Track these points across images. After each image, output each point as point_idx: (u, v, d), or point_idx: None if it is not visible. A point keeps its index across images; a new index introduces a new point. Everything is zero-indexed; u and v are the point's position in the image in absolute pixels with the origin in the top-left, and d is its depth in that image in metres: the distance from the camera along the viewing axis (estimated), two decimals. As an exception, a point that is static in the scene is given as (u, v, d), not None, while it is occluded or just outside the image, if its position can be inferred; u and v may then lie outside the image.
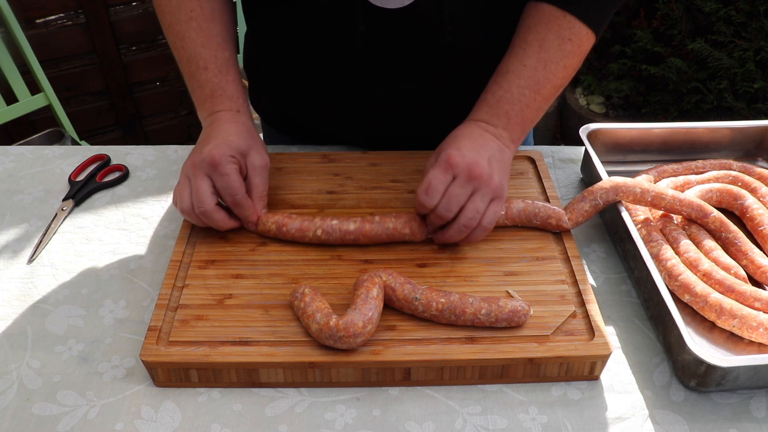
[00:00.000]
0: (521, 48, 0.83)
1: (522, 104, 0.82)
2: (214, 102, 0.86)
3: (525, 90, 0.82)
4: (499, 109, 0.83)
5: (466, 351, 0.69)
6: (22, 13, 2.07)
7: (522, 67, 0.82)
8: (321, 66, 0.94)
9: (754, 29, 2.24)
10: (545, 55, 0.82)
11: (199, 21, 0.86)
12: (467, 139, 0.80)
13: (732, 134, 1.01)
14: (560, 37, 0.82)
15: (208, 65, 0.86)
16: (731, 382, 0.69)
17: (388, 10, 0.84)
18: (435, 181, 0.76)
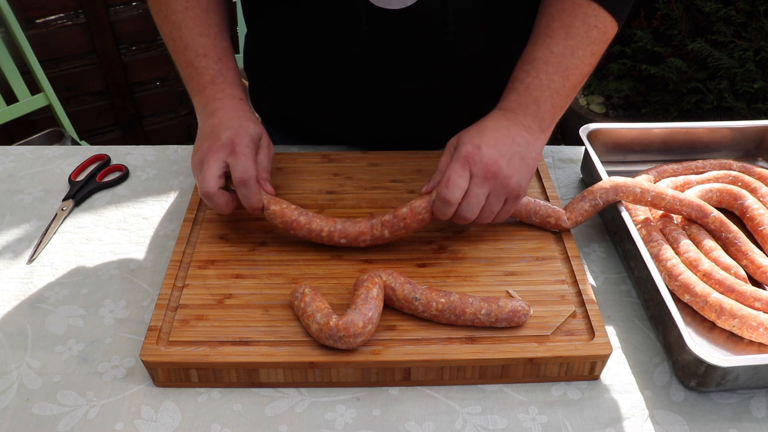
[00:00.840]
0: (547, 35, 0.81)
1: (551, 90, 0.80)
2: (215, 88, 0.85)
3: (554, 76, 0.80)
4: (527, 96, 0.80)
5: (466, 351, 0.69)
6: (22, 13, 2.07)
7: (550, 54, 0.80)
8: (323, 66, 0.94)
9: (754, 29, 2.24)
10: (572, 42, 0.81)
11: (196, 11, 0.86)
12: (491, 133, 0.77)
13: (732, 134, 1.01)
14: (586, 24, 0.81)
15: (208, 52, 0.85)
16: (731, 382, 0.69)
17: (391, 11, 0.84)
18: (454, 175, 0.74)
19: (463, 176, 0.75)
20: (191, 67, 0.86)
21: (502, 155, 0.76)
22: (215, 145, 0.79)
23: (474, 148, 0.75)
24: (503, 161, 0.76)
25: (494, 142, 0.76)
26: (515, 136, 0.78)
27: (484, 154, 0.75)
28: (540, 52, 0.81)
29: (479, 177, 0.75)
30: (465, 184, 0.75)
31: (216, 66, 0.86)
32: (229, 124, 0.81)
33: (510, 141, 0.77)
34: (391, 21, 0.85)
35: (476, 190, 0.75)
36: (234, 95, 0.86)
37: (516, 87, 0.81)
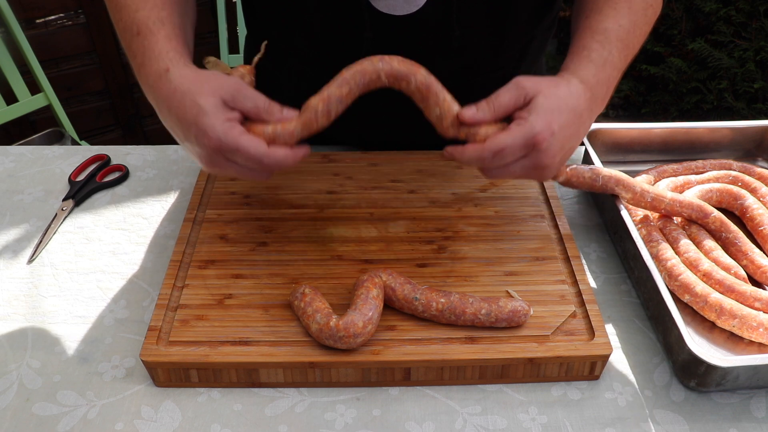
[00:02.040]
0: (611, 7, 0.78)
1: (618, 71, 0.77)
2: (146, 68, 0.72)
3: (622, 53, 0.77)
4: (604, 74, 0.75)
5: (466, 351, 0.69)
6: (22, 13, 2.07)
7: (618, 27, 0.77)
8: (327, 72, 0.94)
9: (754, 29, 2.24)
10: (634, 18, 0.78)
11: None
12: (569, 117, 0.70)
13: (732, 134, 1.01)
14: (645, 1, 0.80)
15: (141, 29, 0.74)
16: (731, 382, 0.69)
17: (396, 17, 0.83)
18: (509, 151, 0.68)
19: (516, 155, 0.69)
20: (129, 51, 0.75)
21: (563, 148, 0.71)
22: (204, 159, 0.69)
23: (548, 133, 0.68)
24: (560, 155, 0.71)
25: (567, 131, 0.70)
26: (584, 124, 0.73)
27: (551, 144, 0.69)
28: (610, 24, 0.77)
29: (532, 162, 0.70)
30: (513, 159, 0.69)
31: (145, 42, 0.73)
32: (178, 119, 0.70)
33: (577, 131, 0.72)
34: (395, 27, 0.84)
35: (516, 168, 0.70)
36: (160, 71, 0.71)
37: (594, 58, 0.75)
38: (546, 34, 0.98)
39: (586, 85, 0.73)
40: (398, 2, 0.82)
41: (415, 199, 0.90)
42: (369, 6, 0.82)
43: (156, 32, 0.74)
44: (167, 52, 0.72)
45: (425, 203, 0.89)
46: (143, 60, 0.73)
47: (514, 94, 0.71)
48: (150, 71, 0.72)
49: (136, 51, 0.74)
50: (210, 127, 0.66)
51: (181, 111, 0.69)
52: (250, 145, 0.67)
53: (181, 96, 0.69)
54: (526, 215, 0.88)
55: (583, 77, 0.74)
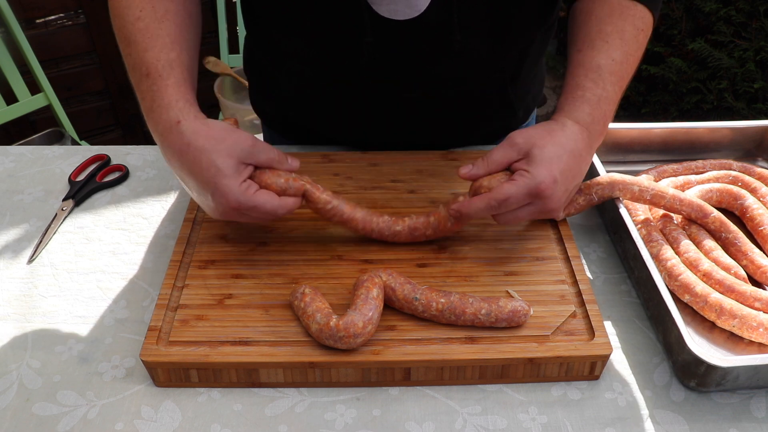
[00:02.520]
0: (603, 41, 0.80)
1: (613, 104, 0.79)
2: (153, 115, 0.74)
3: (616, 87, 0.79)
4: (599, 111, 0.78)
5: (466, 351, 0.69)
6: (22, 13, 2.07)
7: (611, 62, 0.79)
8: (327, 74, 0.94)
9: (754, 29, 2.24)
10: (626, 48, 0.80)
11: (146, 22, 0.77)
12: (569, 161, 0.74)
13: (732, 134, 1.01)
14: (636, 27, 0.81)
15: (150, 72, 0.74)
16: (731, 382, 0.69)
17: (397, 21, 0.83)
18: (514, 199, 0.72)
19: (522, 203, 0.73)
20: (138, 91, 0.77)
21: (567, 191, 0.75)
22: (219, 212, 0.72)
23: (550, 181, 0.72)
24: (564, 198, 0.75)
25: (568, 174, 0.74)
26: (584, 162, 0.77)
27: (555, 191, 0.73)
28: (602, 59, 0.79)
29: (536, 207, 0.74)
30: (517, 207, 0.74)
31: (154, 87, 0.74)
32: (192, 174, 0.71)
33: (578, 171, 0.76)
34: (396, 32, 0.84)
35: (525, 214, 0.75)
36: (170, 123, 0.72)
37: (588, 98, 0.78)
38: (546, 36, 0.98)
39: (582, 126, 0.76)
40: (400, 6, 0.82)
41: (415, 199, 0.90)
42: (370, 10, 0.82)
43: (165, 77, 0.75)
44: (177, 101, 0.73)
45: (425, 203, 0.89)
46: (152, 105, 0.74)
47: (508, 151, 0.75)
48: (159, 120, 0.73)
49: (144, 94, 0.75)
50: (229, 189, 0.70)
51: (196, 168, 0.71)
52: (266, 202, 0.72)
53: (197, 153, 0.71)
54: (526, 215, 0.88)
55: (579, 118, 0.77)
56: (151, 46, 0.76)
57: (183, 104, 0.73)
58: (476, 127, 1.02)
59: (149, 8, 0.78)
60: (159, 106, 0.73)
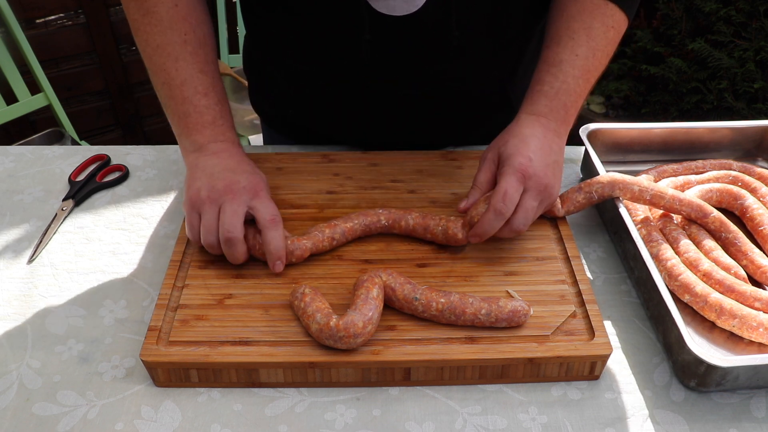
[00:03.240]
0: (569, 37, 0.82)
1: (576, 95, 0.82)
2: (216, 129, 0.83)
3: (579, 80, 0.82)
4: (557, 102, 0.81)
5: (466, 351, 0.69)
6: (22, 13, 2.07)
7: (575, 57, 0.82)
8: (326, 72, 0.94)
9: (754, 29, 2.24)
10: (593, 44, 0.82)
11: (194, 46, 0.83)
12: (535, 141, 0.79)
13: (732, 134, 1.01)
14: (605, 25, 0.82)
15: (209, 92, 0.83)
16: (731, 382, 0.69)
17: (395, 18, 0.83)
18: (511, 189, 0.75)
19: (519, 190, 0.76)
20: (188, 104, 0.82)
21: (547, 165, 0.78)
22: (235, 187, 0.77)
23: (526, 160, 0.76)
24: (549, 172, 0.77)
25: (540, 152, 0.78)
26: (551, 143, 0.80)
27: (536, 166, 0.76)
28: (565, 55, 0.82)
29: (534, 190, 0.76)
30: (518, 197, 0.76)
31: (217, 107, 0.83)
32: (242, 168, 0.80)
33: (549, 150, 0.79)
34: (394, 28, 0.84)
35: (530, 203, 0.77)
36: (235, 141, 0.85)
37: (545, 91, 0.82)
38: (543, 35, 0.98)
39: (536, 116, 0.81)
40: (397, 3, 0.82)
41: (415, 199, 0.90)
42: (368, 7, 0.82)
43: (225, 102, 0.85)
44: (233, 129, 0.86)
45: (425, 203, 0.89)
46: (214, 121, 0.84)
47: (486, 167, 0.81)
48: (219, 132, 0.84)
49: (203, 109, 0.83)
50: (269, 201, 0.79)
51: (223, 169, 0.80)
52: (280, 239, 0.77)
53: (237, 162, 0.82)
54: (526, 215, 0.88)
55: (534, 110, 0.82)
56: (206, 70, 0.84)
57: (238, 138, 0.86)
58: (475, 125, 1.02)
59: (192, 34, 0.83)
60: (222, 124, 0.84)
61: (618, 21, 0.84)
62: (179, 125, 0.84)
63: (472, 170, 0.95)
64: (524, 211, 0.76)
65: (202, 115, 0.82)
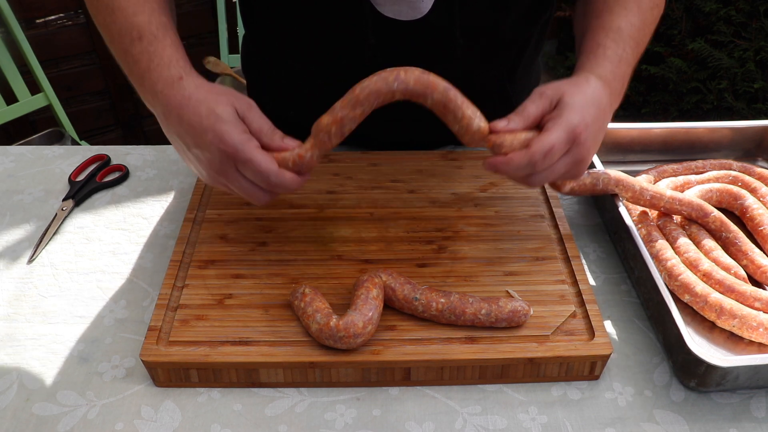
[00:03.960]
0: (621, 6, 0.80)
1: (631, 66, 0.79)
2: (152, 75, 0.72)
3: (634, 51, 0.79)
4: (619, 70, 0.77)
5: (466, 351, 0.69)
6: (22, 13, 2.07)
7: (630, 26, 0.79)
8: (328, 76, 0.93)
9: (754, 29, 2.24)
10: (643, 16, 0.80)
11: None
12: (596, 111, 0.72)
13: (732, 134, 1.01)
14: (652, 1, 0.82)
15: (143, 34, 0.73)
16: (731, 382, 0.69)
17: (399, 23, 0.82)
18: (558, 147, 0.69)
19: (563, 151, 0.70)
20: (128, 55, 0.74)
21: (596, 140, 0.73)
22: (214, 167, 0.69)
23: (584, 126, 0.70)
24: (594, 147, 0.73)
25: (596, 124, 0.72)
26: (607, 118, 0.75)
27: (589, 136, 0.71)
28: (623, 23, 0.79)
29: (573, 157, 0.71)
30: (560, 156, 0.70)
31: (150, 48, 0.73)
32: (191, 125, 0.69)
33: (602, 125, 0.74)
34: (399, 33, 0.84)
35: (561, 167, 0.71)
36: (172, 79, 0.71)
37: (609, 56, 0.77)
38: (542, 34, 0.99)
39: (604, 81, 0.75)
40: (403, 8, 0.82)
41: (415, 199, 0.90)
42: (373, 11, 0.82)
43: (162, 38, 0.73)
44: (177, 60, 0.72)
45: (425, 203, 0.89)
46: (149, 66, 0.72)
47: (539, 103, 0.72)
48: (160, 77, 0.71)
49: (138, 56, 0.73)
50: (228, 134, 0.67)
51: (196, 117, 0.69)
52: (263, 160, 0.68)
53: (196, 103, 0.69)
54: (526, 215, 0.88)
55: (601, 74, 0.75)
56: (140, 11, 0.75)
57: (183, 63, 0.73)
58: None
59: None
60: (158, 64, 0.72)
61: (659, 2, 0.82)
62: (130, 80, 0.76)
63: (472, 170, 0.95)
64: (552, 173, 0.72)
65: (138, 63, 0.73)
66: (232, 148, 0.67)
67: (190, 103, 0.70)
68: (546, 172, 0.71)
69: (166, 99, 0.71)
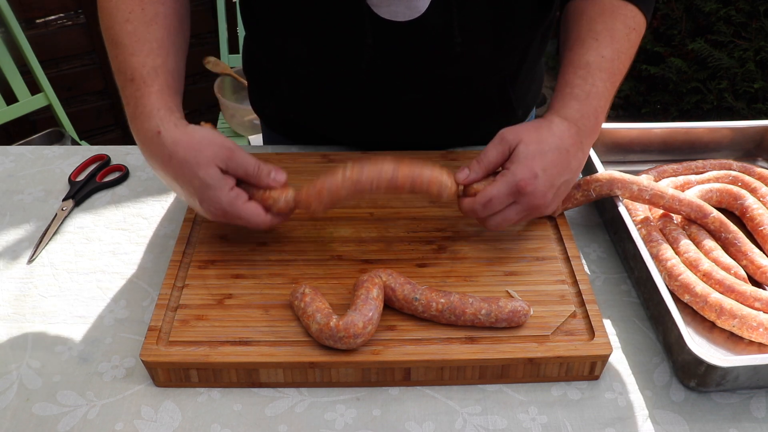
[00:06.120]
0: (593, 38, 0.80)
1: (606, 99, 0.79)
2: (136, 123, 0.75)
3: (607, 83, 0.79)
4: (589, 107, 0.78)
5: (466, 351, 0.69)
6: (22, 13, 2.07)
7: (601, 59, 0.79)
8: (327, 77, 0.94)
9: (754, 29, 2.24)
10: (617, 46, 0.80)
11: (135, 24, 0.77)
12: (553, 156, 0.74)
13: (732, 134, 1.01)
14: (627, 26, 0.81)
15: (134, 77, 0.75)
16: (731, 382, 0.69)
17: (397, 23, 0.83)
18: (497, 200, 0.73)
19: (506, 203, 0.74)
20: (123, 94, 0.77)
21: (552, 186, 0.75)
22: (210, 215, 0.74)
23: (531, 178, 0.72)
24: (550, 193, 0.75)
25: (552, 170, 0.74)
26: (573, 159, 0.76)
27: (537, 187, 0.73)
28: (591, 57, 0.79)
29: (524, 206, 0.75)
30: (502, 207, 0.74)
31: (137, 93, 0.75)
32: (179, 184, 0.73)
33: (566, 167, 0.75)
34: (396, 34, 0.84)
35: (512, 214, 0.75)
36: (151, 133, 0.73)
37: (576, 94, 0.78)
38: (545, 36, 0.98)
39: (570, 122, 0.77)
40: (400, 8, 0.82)
41: (415, 199, 0.90)
42: (370, 12, 0.82)
43: (150, 84, 0.75)
44: (158, 110, 0.74)
45: (425, 203, 0.89)
46: (135, 112, 0.75)
47: (499, 149, 0.76)
48: (141, 128, 0.75)
49: (129, 98, 0.76)
50: (215, 199, 0.72)
51: (181, 178, 0.73)
52: (252, 214, 0.73)
53: (179, 165, 0.72)
54: (526, 215, 0.88)
55: (567, 114, 0.77)
56: (138, 50, 0.76)
57: (164, 113, 0.74)
58: (476, 127, 1.02)
59: (139, 10, 0.77)
60: (141, 113, 0.74)
61: (638, 23, 0.82)
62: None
63: (472, 170, 0.95)
64: (502, 218, 0.75)
65: (128, 105, 0.76)
66: (221, 211, 0.72)
67: (171, 163, 0.72)
68: (497, 218, 0.75)
69: (149, 151, 0.75)
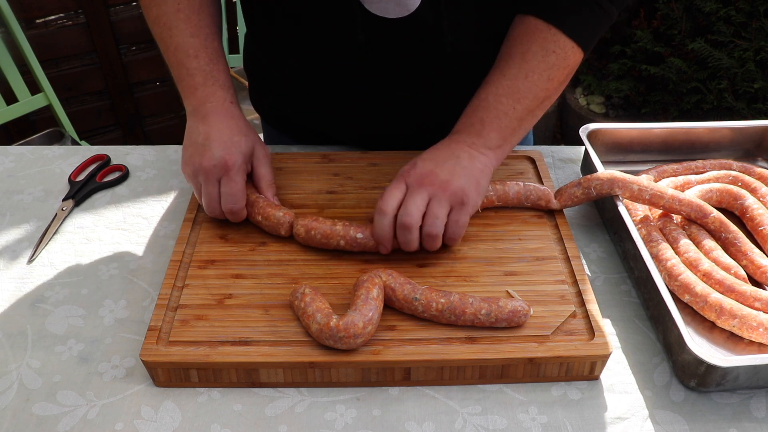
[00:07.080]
0: (504, 60, 0.84)
1: (498, 111, 0.82)
2: (206, 90, 0.85)
3: (502, 98, 0.82)
4: (474, 117, 0.83)
5: (466, 351, 0.69)
6: (22, 13, 2.07)
7: (501, 77, 0.83)
8: (321, 73, 0.94)
9: (754, 29, 2.24)
10: (527, 66, 0.82)
11: (187, 12, 0.86)
12: (430, 152, 0.81)
13: (732, 134, 1.01)
14: (544, 49, 0.82)
15: (199, 54, 0.86)
16: (731, 382, 0.69)
17: (388, 20, 0.83)
18: (387, 192, 0.77)
19: (399, 188, 0.77)
20: (182, 67, 0.86)
21: (438, 165, 0.78)
22: (207, 164, 0.80)
23: (410, 166, 0.79)
24: (439, 169, 0.78)
25: (431, 157, 0.80)
26: (456, 150, 0.81)
27: (418, 167, 0.78)
28: (494, 76, 0.84)
29: (414, 186, 0.77)
30: (400, 195, 0.77)
31: (207, 67, 0.86)
32: (220, 137, 0.82)
33: (450, 154, 0.80)
34: (388, 30, 0.85)
35: (413, 197, 0.76)
36: (225, 98, 0.86)
37: (465, 110, 0.85)
38: None
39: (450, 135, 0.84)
40: (390, 5, 0.82)
41: None
42: (361, 8, 0.83)
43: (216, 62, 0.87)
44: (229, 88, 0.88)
45: (425, 203, 0.89)
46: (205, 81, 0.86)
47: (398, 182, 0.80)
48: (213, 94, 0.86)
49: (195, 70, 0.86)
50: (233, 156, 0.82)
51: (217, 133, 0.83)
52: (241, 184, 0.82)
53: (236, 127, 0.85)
54: (526, 215, 0.88)
55: (454, 130, 0.84)
56: (197, 33, 0.86)
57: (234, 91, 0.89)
58: None
59: (186, 1, 0.87)
60: (213, 84, 0.86)
61: (562, 46, 0.82)
62: (179, 89, 0.88)
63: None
64: (406, 204, 0.76)
65: (193, 77, 0.85)
66: (233, 164, 0.80)
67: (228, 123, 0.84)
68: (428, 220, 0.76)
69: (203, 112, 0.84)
